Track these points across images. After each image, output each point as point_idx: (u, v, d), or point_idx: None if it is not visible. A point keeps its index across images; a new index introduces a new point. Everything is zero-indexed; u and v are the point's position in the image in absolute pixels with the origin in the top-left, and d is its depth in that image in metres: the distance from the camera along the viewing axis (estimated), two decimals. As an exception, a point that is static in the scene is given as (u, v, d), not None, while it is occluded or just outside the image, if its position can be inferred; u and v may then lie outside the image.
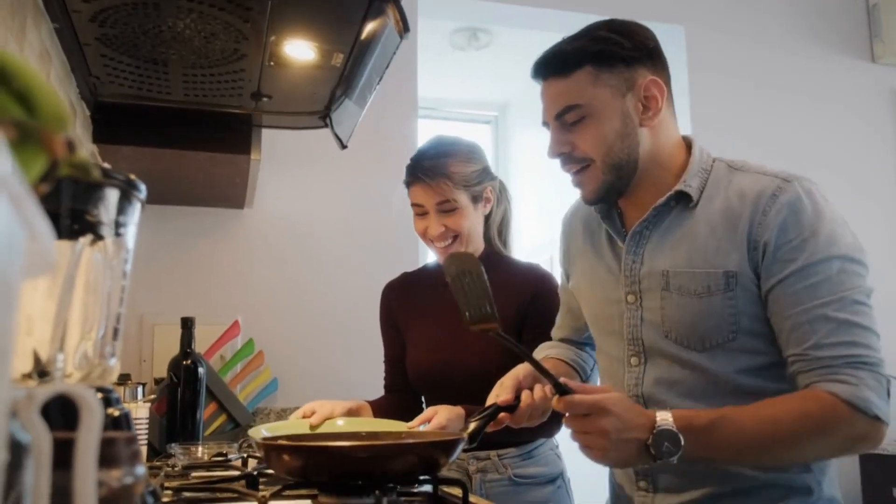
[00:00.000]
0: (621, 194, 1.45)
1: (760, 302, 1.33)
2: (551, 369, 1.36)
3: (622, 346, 1.46)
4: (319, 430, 1.76)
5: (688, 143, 1.47)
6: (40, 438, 0.54)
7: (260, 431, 1.64)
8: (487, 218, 2.06)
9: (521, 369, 1.51)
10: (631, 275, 1.44)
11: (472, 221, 1.98)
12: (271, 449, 1.18)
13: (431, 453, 1.18)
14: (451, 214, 1.93)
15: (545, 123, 1.47)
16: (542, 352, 1.76)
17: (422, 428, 1.64)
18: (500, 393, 1.45)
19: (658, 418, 1.23)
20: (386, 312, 2.13)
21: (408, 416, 2.09)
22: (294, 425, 1.79)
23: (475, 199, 1.97)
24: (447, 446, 1.20)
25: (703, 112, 3.41)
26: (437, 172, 1.90)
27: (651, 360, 1.42)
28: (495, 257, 2.06)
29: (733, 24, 3.60)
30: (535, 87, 1.49)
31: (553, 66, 1.41)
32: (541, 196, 4.34)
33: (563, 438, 2.06)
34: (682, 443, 1.21)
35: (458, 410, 1.71)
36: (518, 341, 1.87)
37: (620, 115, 1.37)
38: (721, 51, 3.54)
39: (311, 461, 1.13)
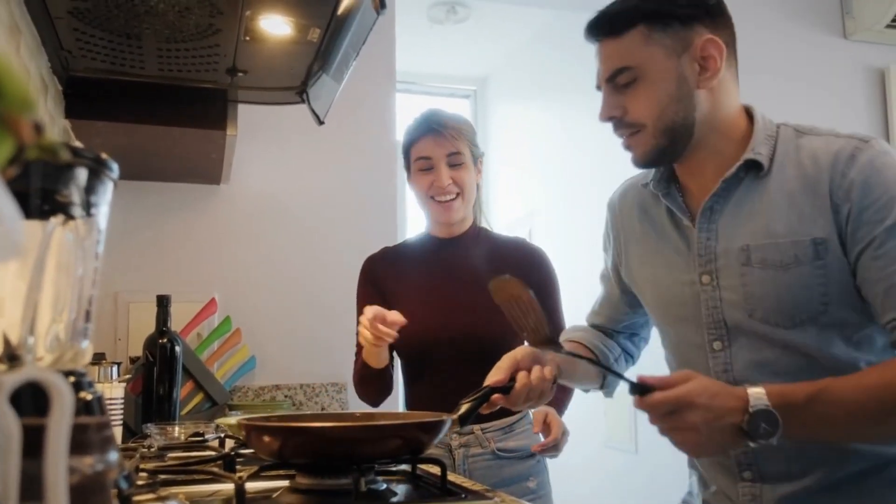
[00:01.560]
0: (674, 160, 1.38)
1: (849, 269, 1.25)
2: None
3: (700, 331, 1.38)
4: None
5: (748, 111, 1.40)
6: (9, 426, 0.53)
7: (231, 419, 1.64)
8: (477, 189, 2.09)
9: (520, 350, 1.44)
10: (706, 253, 1.37)
11: (473, 185, 2.03)
12: (252, 429, 1.17)
13: (415, 434, 1.17)
14: (458, 169, 1.98)
15: (599, 87, 1.40)
16: (566, 334, 1.71)
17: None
18: (494, 373, 1.40)
19: (751, 398, 1.15)
20: (370, 284, 2.10)
21: (386, 386, 2.08)
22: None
23: (475, 161, 2.03)
24: (431, 427, 1.19)
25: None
26: (447, 125, 1.97)
27: (736, 342, 1.34)
28: (484, 232, 2.10)
29: (708, -1, 3.59)
30: (514, 61, 1.47)
31: (605, 26, 1.35)
32: (519, 170, 4.34)
33: (568, 418, 2.07)
34: (780, 422, 1.14)
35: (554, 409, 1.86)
36: None
37: (675, 77, 1.31)
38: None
39: (293, 442, 1.12)
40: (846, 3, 3.77)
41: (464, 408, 1.33)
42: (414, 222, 4.14)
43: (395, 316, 1.75)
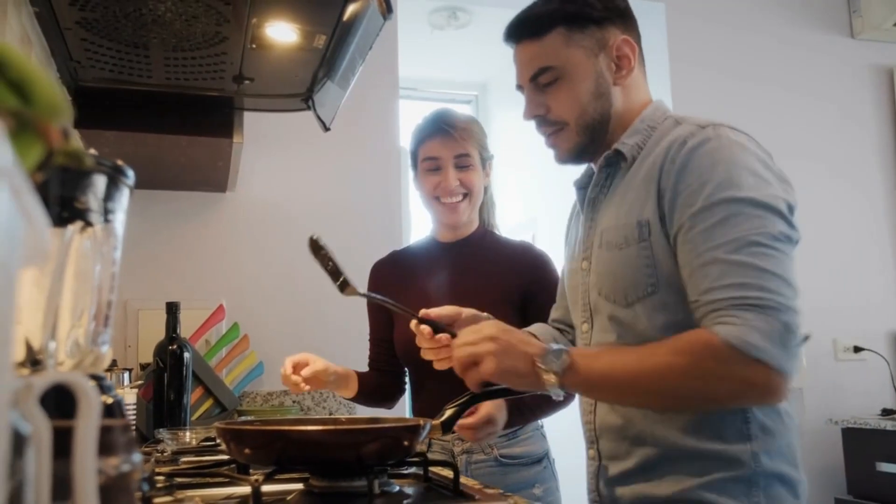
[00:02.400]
0: (593, 156, 1.44)
1: (674, 254, 1.28)
2: None
3: (578, 314, 1.47)
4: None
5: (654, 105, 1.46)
6: (40, 428, 0.54)
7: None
8: (484, 192, 2.08)
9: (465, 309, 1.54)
10: (587, 240, 1.44)
11: (481, 186, 2.01)
12: (227, 433, 1.17)
13: (396, 437, 1.18)
14: (466, 171, 1.96)
15: (519, 87, 1.47)
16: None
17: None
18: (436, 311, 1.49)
19: (544, 359, 1.23)
20: (375, 290, 2.12)
21: (389, 394, 2.10)
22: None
23: (483, 164, 2.02)
24: (410, 431, 1.19)
25: (683, 88, 3.42)
26: (456, 125, 1.96)
27: (596, 323, 1.41)
28: (490, 235, 2.08)
29: (709, 1, 3.61)
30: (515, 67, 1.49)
31: (526, 28, 1.41)
32: (521, 175, 4.35)
33: (567, 421, 2.07)
34: (569, 358, 1.21)
35: (498, 402, 1.75)
36: (522, 320, 1.89)
37: (594, 76, 1.38)
38: (701, 27, 3.54)
39: (270, 445, 1.14)
40: (853, 2, 3.79)
41: (447, 413, 1.37)
42: (418, 227, 4.14)
43: (313, 368, 1.82)
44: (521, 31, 1.42)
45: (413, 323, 1.48)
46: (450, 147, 1.94)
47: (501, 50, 1.48)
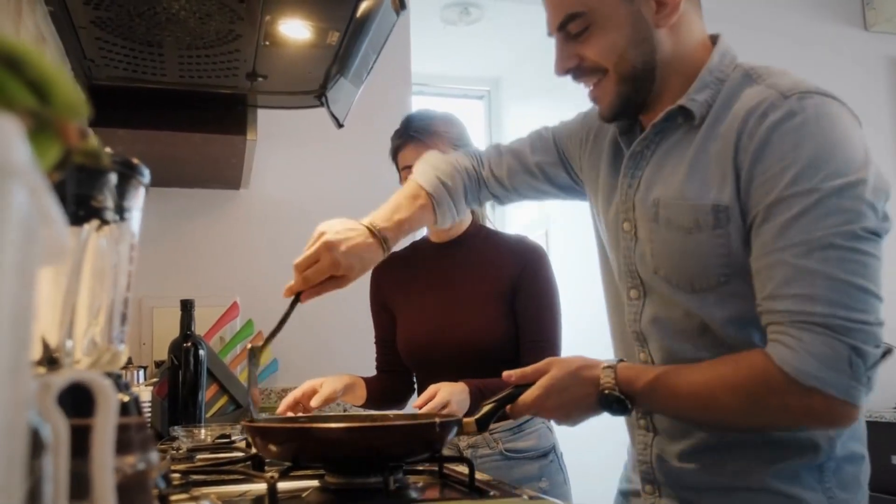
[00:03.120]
0: (641, 109, 1.27)
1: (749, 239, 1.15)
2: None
3: (623, 277, 1.32)
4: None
5: (714, 45, 1.27)
6: (59, 427, 0.54)
7: None
8: None
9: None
10: (626, 200, 1.29)
11: None
12: (257, 432, 1.18)
13: (425, 434, 1.18)
14: None
15: (550, 34, 1.29)
16: (424, 169, 1.60)
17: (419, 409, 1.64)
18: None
19: (602, 382, 1.17)
20: (375, 293, 2.13)
21: (399, 395, 2.10)
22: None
23: None
24: (442, 428, 1.18)
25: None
26: (428, 130, 1.93)
27: (649, 295, 1.27)
28: (483, 231, 2.07)
29: (726, -5, 3.59)
30: (528, 61, 1.44)
31: None
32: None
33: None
34: (630, 405, 1.17)
35: (460, 386, 1.71)
36: (511, 313, 1.90)
37: (631, 19, 1.19)
38: (711, 20, 3.51)
39: (301, 444, 1.14)
40: (867, -6, 3.77)
41: (484, 409, 1.29)
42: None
43: (322, 395, 1.80)
44: None
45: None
46: (422, 153, 1.87)
47: (514, 45, 1.45)
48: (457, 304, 1.94)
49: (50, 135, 0.47)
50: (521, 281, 1.93)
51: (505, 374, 1.28)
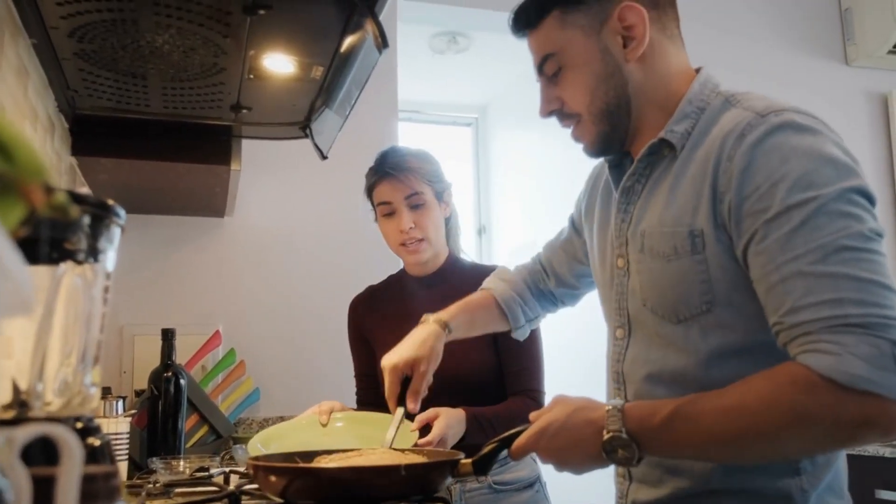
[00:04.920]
0: (623, 143, 1.29)
1: (737, 267, 1.12)
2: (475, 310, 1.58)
3: (612, 316, 1.33)
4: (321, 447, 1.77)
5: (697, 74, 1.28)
6: (20, 483, 0.54)
7: (255, 446, 1.64)
8: (447, 222, 2.08)
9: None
10: (620, 235, 1.29)
11: (438, 223, 2.01)
12: (259, 469, 1.17)
13: (425, 474, 1.17)
14: (419, 210, 1.96)
15: (538, 79, 1.35)
16: (491, 280, 1.76)
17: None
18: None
19: (608, 422, 1.07)
20: (354, 327, 2.13)
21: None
22: (294, 427, 1.82)
23: (438, 196, 2.00)
24: (441, 468, 1.18)
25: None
26: (402, 167, 1.95)
27: (634, 334, 1.27)
28: (459, 263, 2.09)
29: (707, 27, 3.62)
30: (515, 89, 1.46)
31: (522, 19, 1.31)
32: (522, 197, 4.35)
33: None
34: (638, 448, 1.06)
35: (458, 413, 1.74)
36: (494, 344, 1.92)
37: (598, 55, 1.23)
38: (693, 55, 3.54)
39: (299, 483, 1.13)
40: (848, 29, 3.81)
41: (486, 450, 1.23)
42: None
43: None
44: (520, 22, 1.31)
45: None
46: (399, 189, 1.94)
47: (501, 73, 1.46)
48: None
49: (13, 195, 0.47)
50: None
51: (532, 415, 1.20)
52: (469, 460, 1.22)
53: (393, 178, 1.94)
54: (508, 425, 1.82)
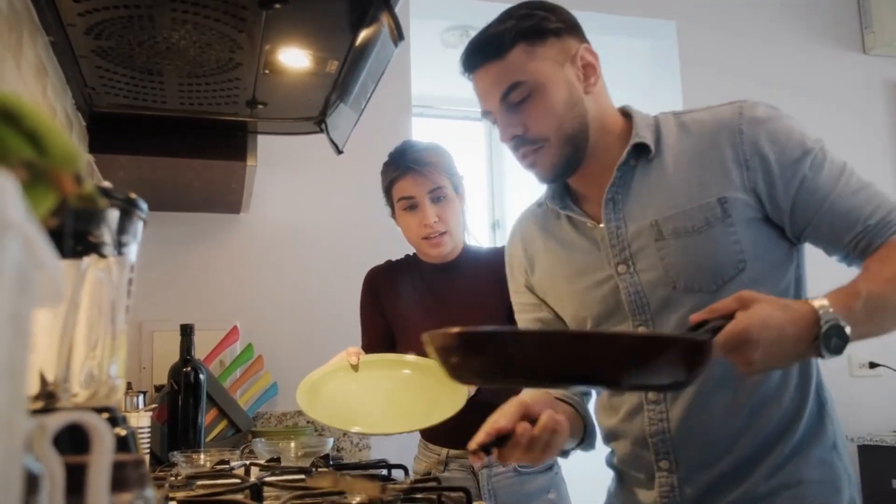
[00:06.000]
0: (577, 168, 1.39)
1: (759, 224, 1.31)
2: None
3: (626, 321, 1.37)
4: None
5: (625, 111, 1.45)
6: (54, 469, 0.55)
7: (304, 398, 1.66)
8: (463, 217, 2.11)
9: (531, 394, 1.34)
10: (619, 242, 1.37)
11: (459, 215, 2.04)
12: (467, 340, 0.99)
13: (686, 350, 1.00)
14: (441, 203, 1.99)
15: (485, 114, 1.42)
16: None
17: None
18: (498, 417, 1.25)
19: (820, 313, 1.10)
20: (373, 297, 2.14)
21: None
22: (334, 368, 1.88)
23: (456, 189, 2.03)
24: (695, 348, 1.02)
25: (696, 106, 3.41)
26: (424, 161, 1.98)
27: (660, 324, 1.34)
28: (473, 250, 2.12)
29: (724, 18, 3.61)
30: None
31: (486, 50, 1.36)
32: (535, 191, 4.35)
33: None
34: (848, 333, 1.10)
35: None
36: (507, 319, 1.89)
37: (565, 85, 1.35)
38: (712, 45, 3.54)
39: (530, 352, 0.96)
40: (865, 18, 3.79)
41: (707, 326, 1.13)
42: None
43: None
44: (481, 54, 1.38)
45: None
46: (422, 184, 1.97)
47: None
48: (459, 314, 1.99)
49: (46, 185, 0.48)
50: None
51: (693, 316, 1.13)
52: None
53: (416, 173, 1.97)
54: None
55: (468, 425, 1.78)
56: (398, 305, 2.09)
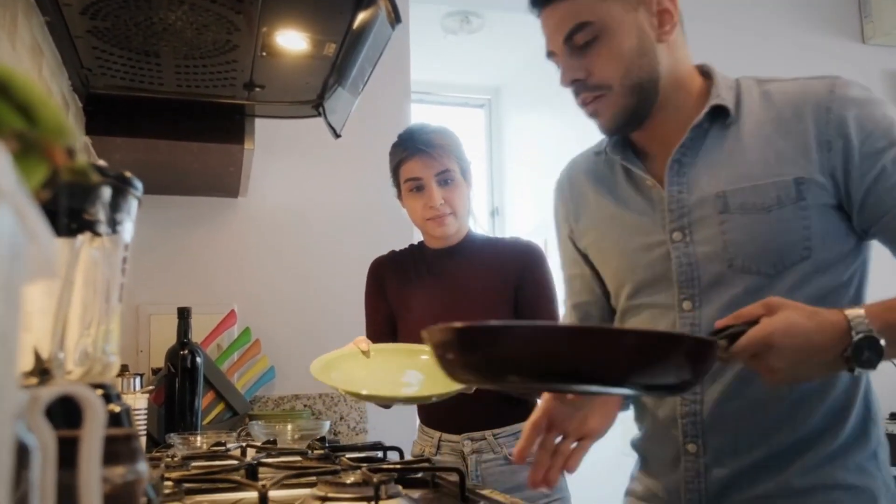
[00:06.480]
0: (641, 121, 1.30)
1: (833, 213, 1.21)
2: None
3: (670, 292, 1.29)
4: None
5: (704, 69, 1.35)
6: (46, 440, 0.55)
7: (320, 371, 1.67)
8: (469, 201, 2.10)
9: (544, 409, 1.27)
10: (678, 208, 1.29)
11: (465, 199, 2.03)
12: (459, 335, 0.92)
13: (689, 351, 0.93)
14: (449, 187, 1.97)
15: (550, 55, 1.33)
16: None
17: None
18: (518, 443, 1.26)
19: (854, 325, 1.03)
20: (377, 286, 2.14)
21: None
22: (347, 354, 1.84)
23: (464, 174, 2.02)
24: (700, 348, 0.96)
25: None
26: (433, 143, 1.96)
27: (707, 301, 1.26)
28: (479, 237, 2.11)
29: (723, 8, 3.60)
30: (528, 71, 1.45)
31: None
32: (534, 179, 4.35)
33: None
34: (884, 346, 1.03)
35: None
36: (514, 315, 1.94)
37: (636, 30, 1.25)
38: (711, 35, 3.53)
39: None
40: (865, 7, 3.78)
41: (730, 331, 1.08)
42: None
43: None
44: None
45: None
46: (430, 166, 1.95)
47: (514, 54, 1.46)
48: (454, 310, 1.97)
49: (37, 156, 0.48)
50: (523, 279, 1.99)
51: (718, 322, 1.08)
52: (723, 340, 1.05)
53: (424, 155, 1.95)
54: None
55: (461, 411, 1.79)
56: (402, 294, 2.08)
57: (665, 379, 0.92)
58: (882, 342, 1.02)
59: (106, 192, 0.79)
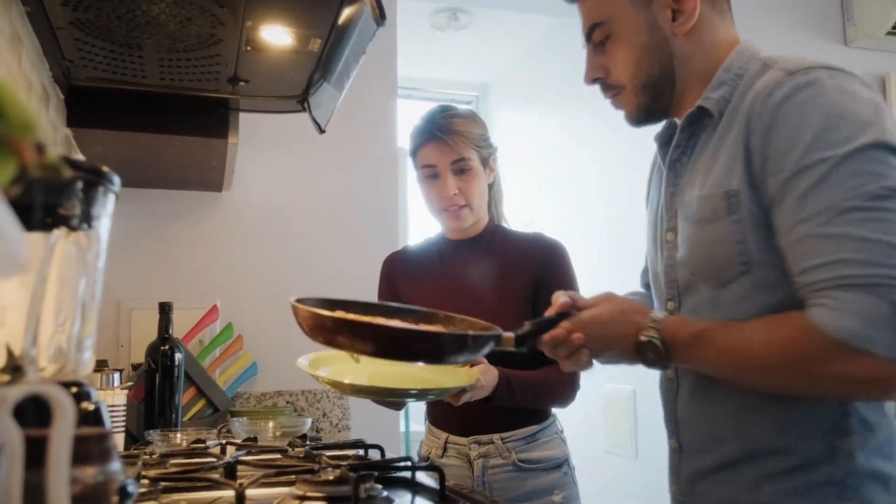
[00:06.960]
0: (665, 114, 1.33)
1: (767, 224, 1.14)
2: None
3: (663, 291, 1.33)
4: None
5: (743, 51, 1.30)
6: (12, 439, 0.54)
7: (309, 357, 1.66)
8: (490, 188, 2.05)
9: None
10: (671, 208, 1.31)
11: (482, 189, 1.97)
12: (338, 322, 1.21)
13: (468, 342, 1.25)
14: (464, 176, 1.92)
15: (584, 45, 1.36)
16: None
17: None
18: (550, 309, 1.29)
19: (643, 329, 1.17)
20: (388, 283, 2.11)
21: None
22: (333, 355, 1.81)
23: (484, 163, 1.97)
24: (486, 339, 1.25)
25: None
26: (451, 129, 1.90)
27: (686, 303, 1.28)
28: (501, 230, 2.06)
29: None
30: (516, 68, 1.46)
31: None
32: (521, 177, 4.35)
33: (568, 423, 2.04)
34: (667, 355, 1.16)
35: (494, 371, 1.75)
36: (533, 313, 1.87)
37: (646, 27, 1.25)
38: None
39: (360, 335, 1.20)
40: (847, 10, 3.78)
41: (526, 328, 1.25)
42: (416, 229, 4.15)
43: None
44: None
45: None
46: (445, 154, 1.90)
47: (502, 51, 1.45)
48: (467, 303, 1.88)
49: (5, 152, 0.47)
50: (544, 278, 1.92)
51: (556, 294, 1.28)
52: (512, 334, 1.25)
53: (440, 141, 1.90)
54: (539, 394, 1.82)
55: (469, 410, 1.75)
56: (412, 288, 2.04)
57: (457, 359, 1.38)
58: (663, 349, 1.15)
59: (81, 187, 0.78)
